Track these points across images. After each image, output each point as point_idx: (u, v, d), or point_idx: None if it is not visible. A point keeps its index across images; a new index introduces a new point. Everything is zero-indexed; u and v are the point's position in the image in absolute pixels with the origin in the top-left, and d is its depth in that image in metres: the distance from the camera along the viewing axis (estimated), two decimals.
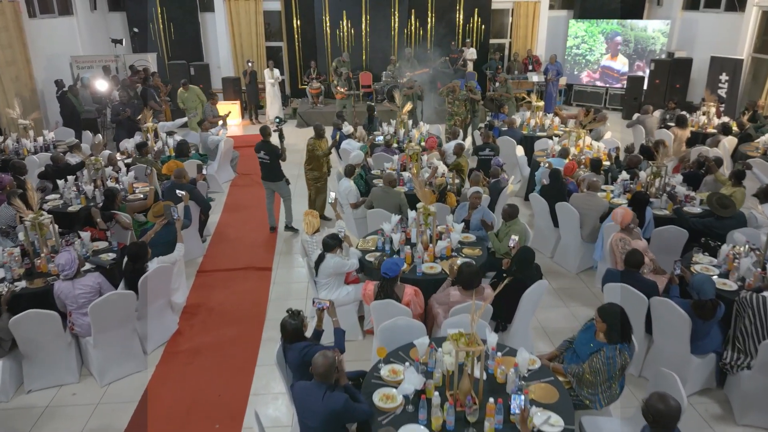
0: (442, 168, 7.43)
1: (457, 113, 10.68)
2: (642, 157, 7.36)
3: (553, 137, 9.17)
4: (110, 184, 6.93)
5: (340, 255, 5.08)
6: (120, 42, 12.17)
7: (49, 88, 11.63)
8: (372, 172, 7.82)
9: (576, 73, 15.85)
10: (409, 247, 5.22)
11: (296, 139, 12.66)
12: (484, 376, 3.42)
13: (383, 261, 4.73)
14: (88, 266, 4.99)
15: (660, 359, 4.49)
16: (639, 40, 15.07)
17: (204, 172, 7.24)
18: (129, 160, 8.27)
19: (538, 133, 9.95)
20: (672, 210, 6.18)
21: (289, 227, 7.94)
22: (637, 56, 15.06)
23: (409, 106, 9.69)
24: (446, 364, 3.31)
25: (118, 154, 8.77)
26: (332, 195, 5.67)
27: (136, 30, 14.19)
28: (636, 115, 10.73)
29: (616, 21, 15.32)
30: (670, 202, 6.29)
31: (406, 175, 7.26)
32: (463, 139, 10.04)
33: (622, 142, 9.63)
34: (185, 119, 9.92)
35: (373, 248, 5.48)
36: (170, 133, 9.32)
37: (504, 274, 4.71)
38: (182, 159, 7.94)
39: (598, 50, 15.58)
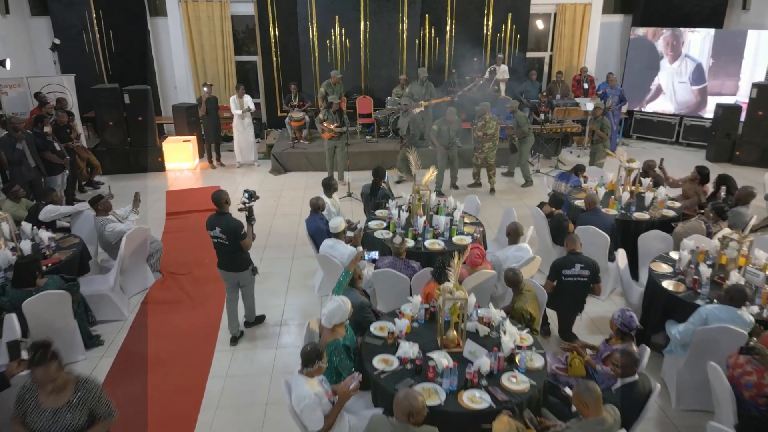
0: (511, 334, 3.79)
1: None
2: None
3: (684, 238, 5.45)
4: None
5: None
6: (2, 64, 8.50)
7: None
8: (373, 330, 4.10)
9: None
10: None
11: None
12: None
13: None
14: None
15: None
16: None
17: (25, 354, 3.41)
18: None
19: (636, 214, 6.28)
20: None
21: (249, 324, 5.50)
22: None
23: (432, 173, 6.03)
24: None
25: None
26: None
27: (57, 41, 10.54)
28: None
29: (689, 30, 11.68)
30: None
31: (442, 362, 3.57)
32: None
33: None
34: (85, 206, 6.22)
35: None
36: (48, 225, 5.74)
37: None
38: (16, 296, 4.31)
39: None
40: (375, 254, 4.54)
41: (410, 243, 5.44)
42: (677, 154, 11.31)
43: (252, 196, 5.22)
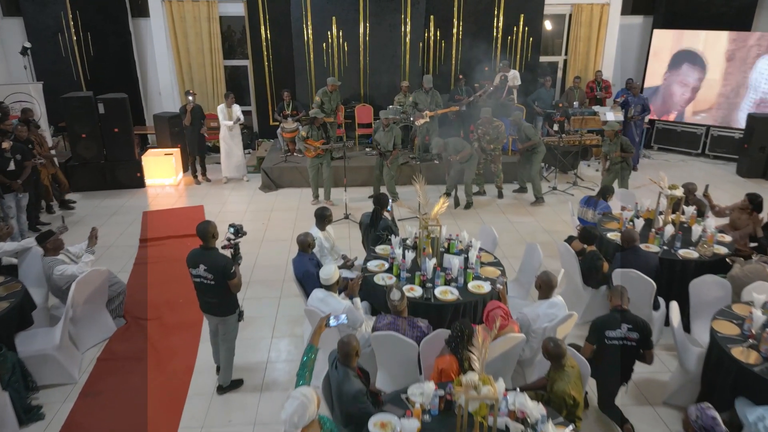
0: None
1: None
2: None
3: (748, 286, 4.53)
4: None
5: None
6: None
7: None
8: (372, 428, 3.16)
9: None
10: None
11: (253, 219, 7.98)
12: None
13: None
14: None
15: None
16: None
17: None
18: None
19: (681, 252, 5.34)
20: None
21: (223, 389, 4.54)
22: None
23: (443, 204, 5.11)
24: None
25: None
26: None
27: (27, 45, 9.63)
28: None
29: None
30: None
31: None
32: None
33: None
34: (32, 242, 5.25)
35: None
36: None
37: None
38: None
39: None
40: (343, 318, 3.63)
41: (417, 292, 4.52)
42: (704, 167, 10.40)
43: (239, 231, 4.60)
